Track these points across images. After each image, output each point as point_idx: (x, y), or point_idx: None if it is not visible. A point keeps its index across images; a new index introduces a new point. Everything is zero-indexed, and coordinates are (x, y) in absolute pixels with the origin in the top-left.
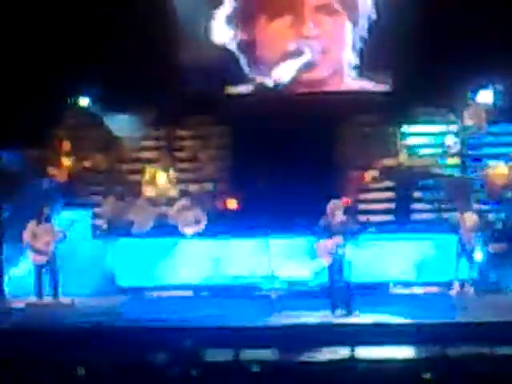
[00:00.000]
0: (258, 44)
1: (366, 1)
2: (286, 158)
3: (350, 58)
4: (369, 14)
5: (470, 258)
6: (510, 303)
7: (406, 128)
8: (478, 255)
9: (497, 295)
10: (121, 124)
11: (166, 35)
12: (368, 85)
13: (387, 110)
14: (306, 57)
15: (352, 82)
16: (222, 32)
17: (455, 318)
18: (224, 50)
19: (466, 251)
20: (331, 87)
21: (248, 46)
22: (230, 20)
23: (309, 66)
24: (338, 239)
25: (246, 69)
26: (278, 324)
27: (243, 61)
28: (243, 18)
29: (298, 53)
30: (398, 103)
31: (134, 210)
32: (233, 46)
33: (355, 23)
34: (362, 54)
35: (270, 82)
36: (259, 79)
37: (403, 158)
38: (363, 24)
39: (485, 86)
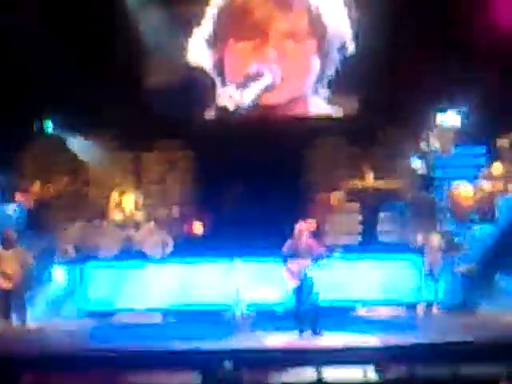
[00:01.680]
0: (225, 66)
1: (339, 31)
2: (253, 182)
3: (316, 83)
4: (343, 43)
5: (436, 279)
6: (476, 323)
7: (371, 150)
8: (445, 276)
9: (463, 315)
10: (87, 148)
11: (133, 59)
12: (334, 109)
13: (353, 133)
14: (267, 80)
15: (318, 107)
16: (197, 54)
17: (422, 339)
18: (191, 73)
19: (431, 272)
20: (296, 111)
21: (217, 68)
22: (207, 42)
23: (269, 90)
24: (305, 262)
25: (213, 92)
26: (245, 347)
27: (211, 84)
28: (217, 40)
29: (258, 76)
30: (364, 126)
31: (100, 233)
32: (206, 68)
33: (325, 52)
34: (328, 80)
35: (231, 105)
36: (222, 102)
37: (369, 180)
38: (335, 53)
39: (450, 109)
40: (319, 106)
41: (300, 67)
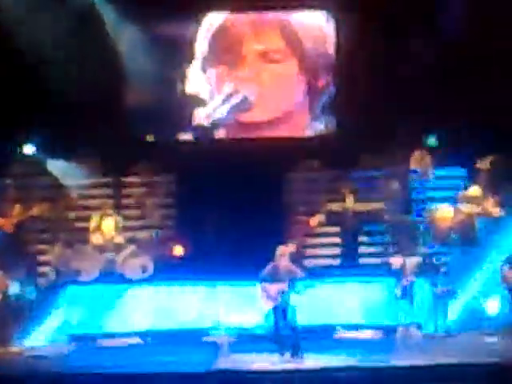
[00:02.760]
0: (203, 87)
1: (319, 51)
2: (232, 204)
3: (296, 104)
4: (328, 64)
5: (416, 301)
6: (456, 345)
7: (351, 173)
8: (424, 298)
9: (443, 338)
10: (67, 171)
11: (112, 82)
12: (314, 130)
13: (333, 154)
14: (242, 98)
15: (299, 128)
16: (175, 76)
17: (402, 361)
18: (170, 96)
19: (411, 294)
20: (278, 132)
21: (195, 90)
22: (185, 64)
23: (246, 108)
24: (285, 284)
25: (192, 114)
26: (225, 369)
27: (190, 105)
28: (196, 62)
29: (233, 93)
30: (344, 148)
31: (81, 257)
32: (184, 90)
33: (309, 71)
34: (310, 101)
35: (208, 123)
36: (198, 121)
37: (349, 202)
38: (318, 74)
39: (430, 131)
40: (300, 126)
41: (280, 87)
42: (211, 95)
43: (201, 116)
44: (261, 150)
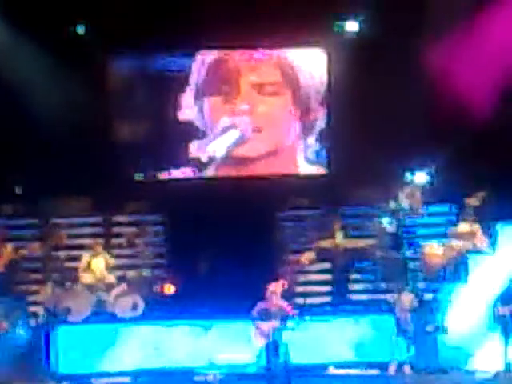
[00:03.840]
0: (198, 121)
1: (314, 86)
2: (223, 242)
3: (288, 138)
4: (320, 99)
5: (408, 338)
6: (448, 382)
7: (342, 210)
8: (416, 335)
9: (436, 375)
10: (58, 211)
11: (103, 121)
12: (306, 167)
13: (323, 192)
14: (237, 133)
15: (289, 163)
16: (170, 110)
17: None
18: (164, 132)
19: (403, 331)
20: (266, 167)
21: (190, 124)
22: (180, 98)
23: (241, 142)
24: (276, 322)
25: (186, 150)
26: None
27: (184, 141)
28: (191, 96)
29: (229, 127)
30: (335, 186)
31: (71, 296)
32: (179, 125)
33: (302, 105)
34: (304, 136)
35: (204, 158)
36: (194, 154)
37: (340, 239)
38: (311, 108)
39: (419, 168)
40: (292, 162)
41: (274, 121)
42: (205, 126)
43: (196, 150)
44: (251, 188)
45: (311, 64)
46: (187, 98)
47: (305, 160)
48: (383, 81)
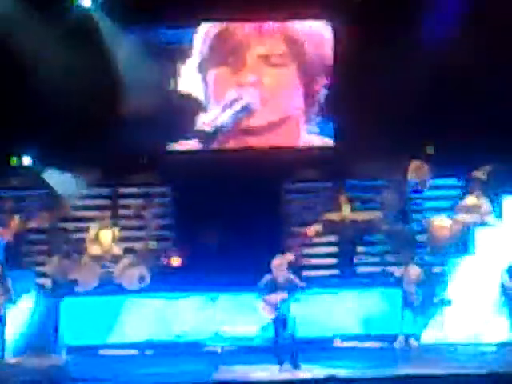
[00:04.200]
0: (205, 93)
1: (320, 56)
2: (230, 214)
3: (294, 109)
4: (326, 70)
5: (415, 311)
6: (453, 356)
7: (349, 182)
8: (423, 308)
9: (442, 348)
10: (64, 183)
11: (109, 92)
12: (312, 139)
13: (330, 164)
14: (243, 103)
15: (297, 136)
16: (177, 82)
17: (400, 371)
18: (170, 103)
19: (410, 304)
20: (271, 138)
21: (196, 96)
22: (187, 70)
23: (248, 113)
24: (283, 294)
25: (193, 121)
26: (224, 380)
27: (191, 112)
28: (197, 67)
29: (236, 99)
30: (341, 158)
31: (78, 268)
32: (186, 97)
33: (307, 77)
34: (309, 108)
35: (209, 129)
36: (199, 126)
37: (347, 212)
38: (319, 79)
39: (427, 141)
40: (297, 133)
41: (280, 92)
42: (209, 98)
43: (202, 122)
44: (257, 159)
45: (316, 34)
46: (193, 70)
47: (311, 132)
48: (389, 53)
